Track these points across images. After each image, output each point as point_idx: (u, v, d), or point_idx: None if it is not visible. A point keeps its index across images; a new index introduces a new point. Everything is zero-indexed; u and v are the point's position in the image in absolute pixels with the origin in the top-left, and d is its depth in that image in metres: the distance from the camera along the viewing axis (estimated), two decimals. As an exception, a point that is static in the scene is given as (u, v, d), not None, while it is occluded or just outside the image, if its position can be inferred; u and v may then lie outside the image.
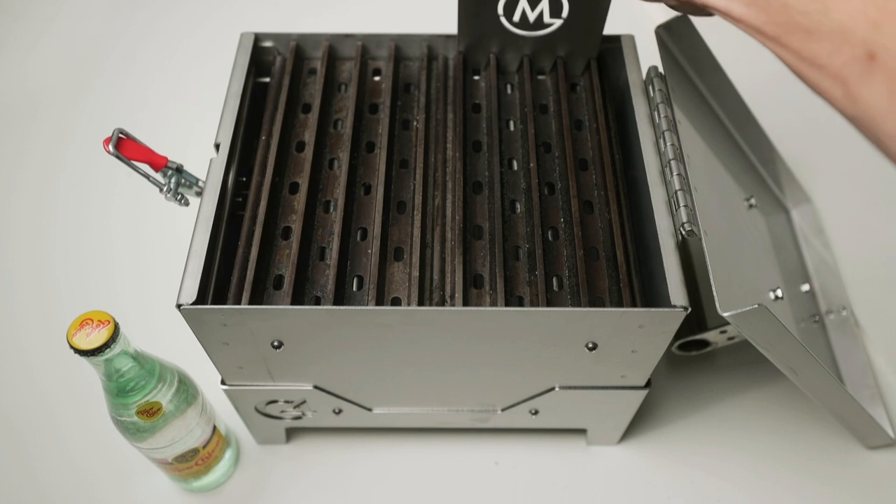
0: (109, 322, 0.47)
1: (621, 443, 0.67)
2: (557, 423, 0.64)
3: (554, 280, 0.53)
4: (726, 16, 0.45)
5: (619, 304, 0.51)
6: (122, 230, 0.82)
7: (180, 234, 0.54)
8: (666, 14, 0.55)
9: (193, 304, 0.47)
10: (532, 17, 0.57)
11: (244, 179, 0.57)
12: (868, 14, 0.38)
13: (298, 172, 0.57)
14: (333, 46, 0.63)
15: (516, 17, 0.58)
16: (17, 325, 0.76)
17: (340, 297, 0.52)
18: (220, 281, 0.51)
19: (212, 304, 0.49)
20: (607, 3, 0.57)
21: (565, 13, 0.57)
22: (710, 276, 0.47)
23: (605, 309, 0.49)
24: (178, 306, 0.46)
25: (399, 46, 0.64)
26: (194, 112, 0.84)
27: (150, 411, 0.52)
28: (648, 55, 0.60)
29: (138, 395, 0.52)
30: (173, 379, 0.54)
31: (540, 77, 0.64)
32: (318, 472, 0.66)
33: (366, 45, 0.63)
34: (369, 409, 0.61)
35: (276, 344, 0.51)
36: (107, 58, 0.98)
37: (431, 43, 0.63)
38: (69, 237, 0.82)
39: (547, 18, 0.58)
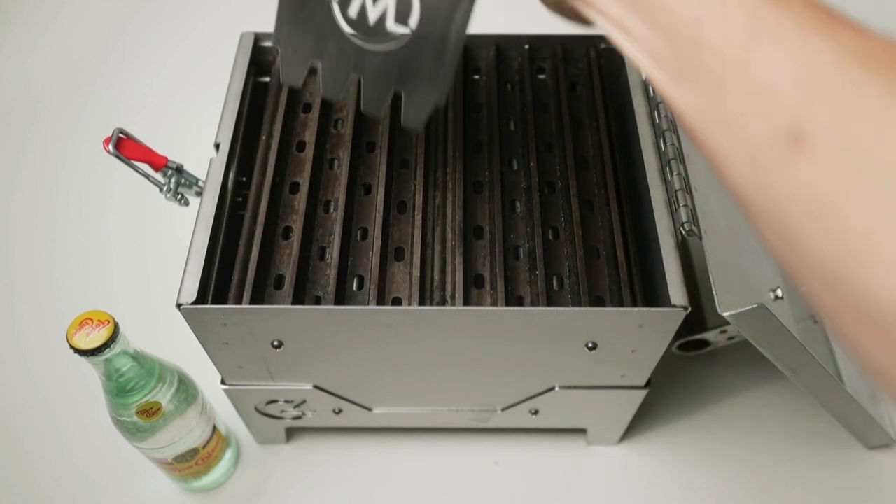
0: (109, 322, 0.47)
1: (621, 443, 0.67)
2: (557, 423, 0.64)
3: (554, 279, 0.53)
4: (612, 29, 0.34)
5: (620, 304, 0.51)
6: (122, 230, 0.82)
7: (180, 234, 0.54)
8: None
9: (193, 303, 0.46)
10: (373, 17, 0.43)
11: (244, 179, 0.57)
12: (800, 81, 0.28)
13: (299, 172, 0.57)
14: (333, 46, 0.63)
15: (352, 10, 0.43)
16: (16, 325, 0.75)
17: (341, 297, 0.52)
18: (220, 281, 0.51)
19: (212, 303, 0.49)
20: (466, 16, 0.41)
21: (414, 22, 0.42)
22: (710, 276, 0.47)
23: (605, 308, 0.49)
24: (178, 306, 0.46)
25: (399, 46, 0.63)
26: (194, 112, 0.83)
27: (150, 411, 0.52)
28: (648, 55, 0.60)
29: (138, 394, 0.51)
30: (173, 379, 0.54)
31: (540, 77, 0.64)
32: (318, 472, 0.66)
33: (366, 45, 0.63)
34: (369, 409, 0.61)
35: (276, 344, 0.51)
36: (106, 58, 0.98)
37: (431, 43, 0.63)
38: (69, 237, 0.82)
39: (391, 25, 0.43)
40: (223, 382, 0.56)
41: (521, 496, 0.65)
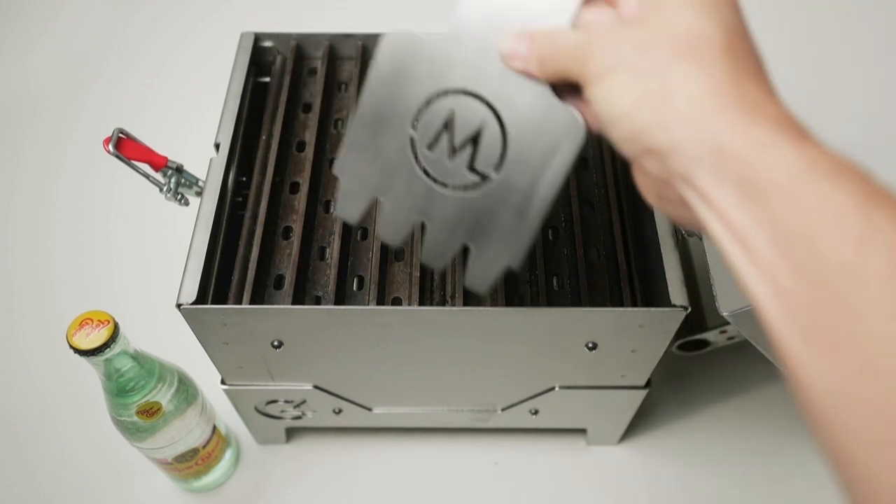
0: (109, 322, 0.47)
1: (621, 443, 0.67)
2: (557, 423, 0.64)
3: (554, 279, 0.53)
4: (727, 238, 0.25)
5: (619, 304, 0.51)
6: (122, 230, 0.82)
7: (180, 234, 0.54)
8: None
9: (193, 303, 0.46)
10: (453, 158, 0.38)
11: (244, 179, 0.57)
12: None
13: (299, 172, 0.57)
14: (334, 46, 0.63)
15: (432, 148, 0.38)
16: (16, 325, 0.75)
17: (341, 297, 0.52)
18: (220, 281, 0.51)
19: (212, 303, 0.49)
20: (559, 173, 0.36)
21: (499, 170, 0.37)
22: (711, 276, 0.47)
23: (605, 308, 0.49)
24: (178, 306, 0.46)
25: (399, 46, 0.63)
26: (194, 112, 0.83)
27: (150, 411, 0.52)
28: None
29: (138, 394, 0.51)
30: (173, 379, 0.54)
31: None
32: (318, 472, 0.66)
33: (366, 45, 0.63)
34: (369, 409, 0.61)
35: (276, 344, 0.51)
36: (106, 58, 0.98)
37: (431, 43, 0.63)
38: (69, 237, 0.82)
39: (465, 170, 0.38)
40: (223, 382, 0.56)
41: (521, 496, 0.65)
